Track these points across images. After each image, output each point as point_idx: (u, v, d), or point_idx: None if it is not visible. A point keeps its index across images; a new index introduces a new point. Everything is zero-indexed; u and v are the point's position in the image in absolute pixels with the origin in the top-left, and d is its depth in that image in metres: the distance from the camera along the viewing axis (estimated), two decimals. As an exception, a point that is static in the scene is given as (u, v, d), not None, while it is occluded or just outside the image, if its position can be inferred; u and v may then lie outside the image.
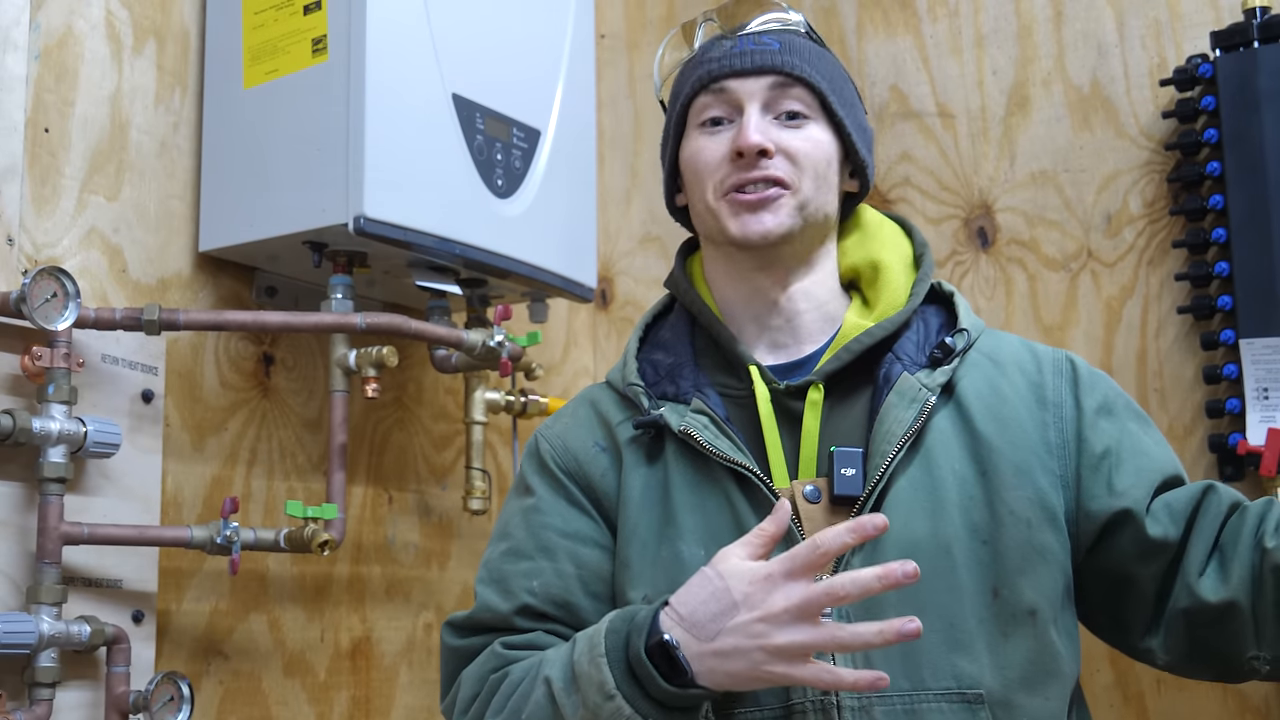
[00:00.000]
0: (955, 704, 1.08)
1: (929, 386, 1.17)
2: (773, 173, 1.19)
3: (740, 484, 1.16)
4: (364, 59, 1.51)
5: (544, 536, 1.22)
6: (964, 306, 1.25)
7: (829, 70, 1.25)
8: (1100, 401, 1.21)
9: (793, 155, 1.20)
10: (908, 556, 1.10)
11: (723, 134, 1.22)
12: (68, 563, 1.39)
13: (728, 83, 1.22)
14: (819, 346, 1.24)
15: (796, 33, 1.25)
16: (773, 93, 1.21)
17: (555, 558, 1.20)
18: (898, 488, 1.14)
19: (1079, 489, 1.17)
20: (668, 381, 1.24)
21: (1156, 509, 1.17)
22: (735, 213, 1.20)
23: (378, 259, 1.63)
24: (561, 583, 1.19)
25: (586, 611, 1.19)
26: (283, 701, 1.68)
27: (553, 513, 1.23)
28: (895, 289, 1.25)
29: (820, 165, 1.21)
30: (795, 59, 1.22)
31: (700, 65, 1.24)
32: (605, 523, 1.22)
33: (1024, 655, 1.11)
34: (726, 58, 1.22)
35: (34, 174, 1.46)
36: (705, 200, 1.23)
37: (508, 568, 1.22)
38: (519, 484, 1.29)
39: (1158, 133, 1.79)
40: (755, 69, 1.21)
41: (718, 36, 1.25)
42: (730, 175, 1.20)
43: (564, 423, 1.29)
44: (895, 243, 1.30)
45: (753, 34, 1.24)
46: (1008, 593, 1.12)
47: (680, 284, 1.30)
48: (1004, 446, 1.16)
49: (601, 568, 1.20)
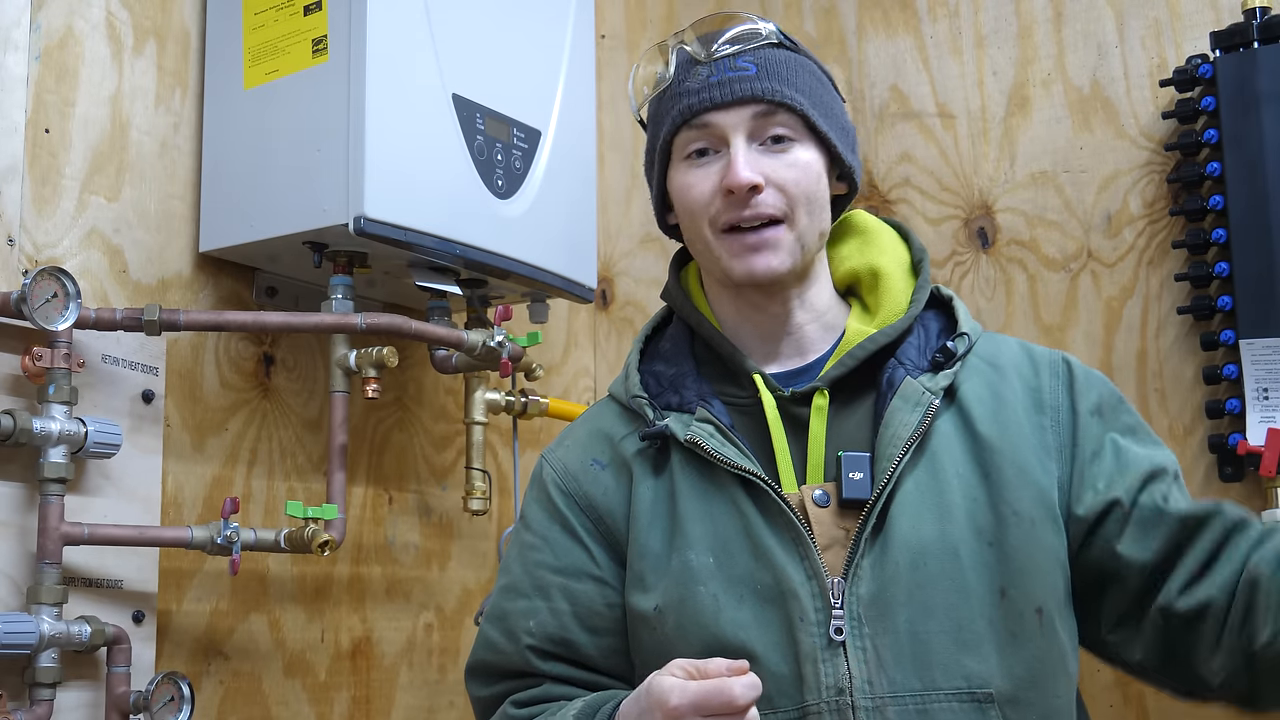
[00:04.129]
0: (966, 704, 1.09)
1: (932, 390, 1.18)
2: (765, 210, 1.18)
3: (748, 490, 1.16)
4: (364, 59, 1.51)
5: (538, 575, 1.24)
6: (963, 311, 1.26)
7: (808, 83, 1.23)
8: (1094, 403, 1.22)
9: (783, 186, 1.19)
10: (916, 559, 1.11)
11: (710, 166, 1.21)
12: (68, 563, 1.39)
13: (709, 116, 1.20)
14: (821, 354, 1.25)
15: (770, 44, 1.23)
16: (756, 121, 1.20)
17: (550, 596, 1.23)
18: (904, 490, 1.14)
19: (1071, 492, 1.18)
20: (671, 392, 1.24)
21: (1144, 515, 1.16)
22: (735, 253, 1.20)
23: (378, 259, 1.63)
24: (557, 621, 1.22)
25: (585, 647, 1.21)
26: (283, 702, 1.68)
27: (547, 548, 1.25)
28: (896, 295, 1.25)
29: (812, 189, 1.20)
30: (774, 83, 1.20)
31: (679, 98, 1.22)
32: (607, 545, 1.23)
33: (1032, 654, 1.12)
34: (705, 89, 1.20)
35: (34, 174, 1.46)
36: (702, 237, 1.22)
37: (507, 605, 1.25)
38: (521, 513, 1.31)
39: (1158, 133, 1.79)
40: (735, 100, 1.19)
41: (691, 61, 1.23)
42: (724, 212, 1.19)
43: (566, 445, 1.31)
44: (894, 249, 1.30)
45: (727, 58, 1.21)
46: (1015, 593, 1.12)
47: (677, 298, 1.31)
48: (1005, 448, 1.17)
49: (596, 602, 1.22)
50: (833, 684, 1.09)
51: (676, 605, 1.15)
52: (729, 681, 0.98)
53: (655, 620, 1.16)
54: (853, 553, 1.12)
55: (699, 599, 1.14)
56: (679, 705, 0.99)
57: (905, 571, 1.11)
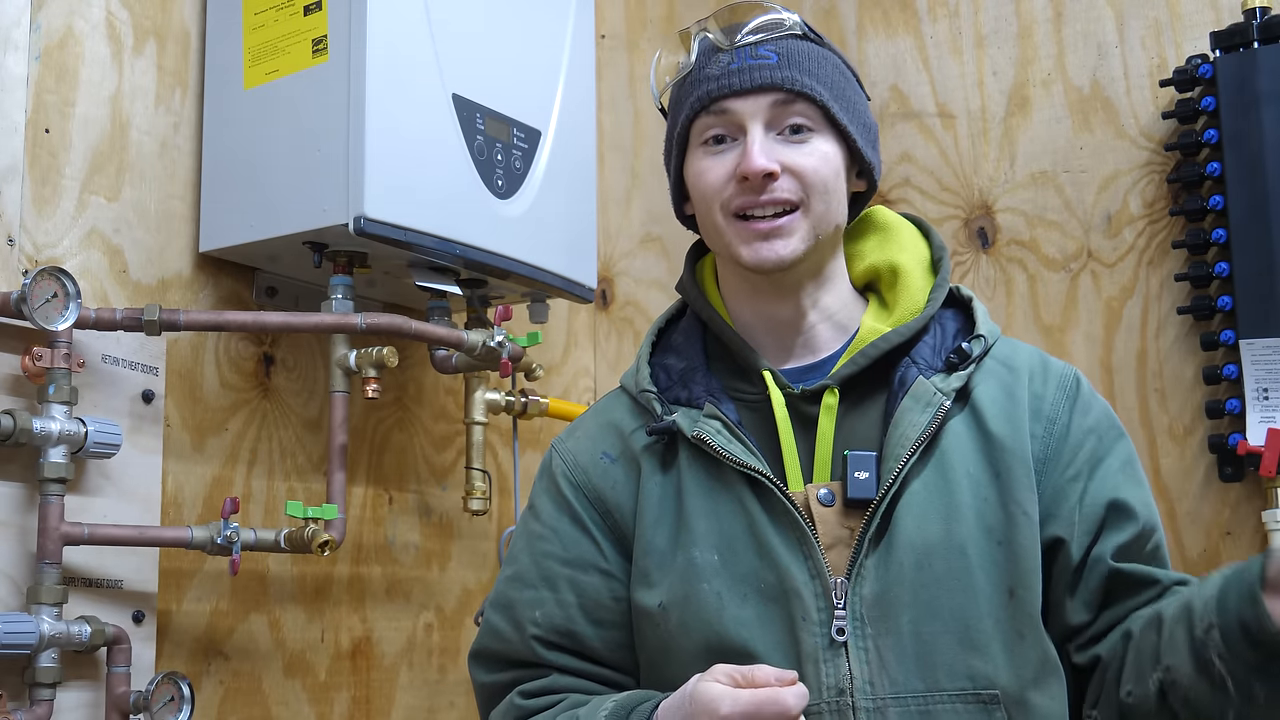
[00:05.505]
0: (970, 704, 1.09)
1: (944, 391, 1.17)
2: (780, 195, 1.17)
3: (754, 488, 1.16)
4: (364, 59, 1.51)
5: (545, 565, 1.23)
6: (982, 312, 1.25)
7: (829, 75, 1.22)
8: (1091, 423, 1.20)
9: (800, 174, 1.18)
10: (922, 559, 1.11)
11: (727, 153, 1.20)
12: (68, 563, 1.39)
13: (728, 103, 1.19)
14: (833, 352, 1.24)
15: (794, 35, 1.22)
16: (775, 110, 1.18)
17: (556, 587, 1.22)
18: (911, 491, 1.14)
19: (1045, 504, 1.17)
20: (680, 387, 1.24)
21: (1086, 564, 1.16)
22: (746, 240, 1.19)
23: (378, 259, 1.63)
24: (563, 612, 1.21)
25: (590, 639, 1.21)
26: (283, 702, 1.68)
27: (555, 539, 1.24)
28: (913, 293, 1.24)
29: (829, 180, 1.19)
30: (794, 72, 1.19)
31: (699, 84, 1.21)
32: (615, 538, 1.23)
33: (1038, 654, 1.12)
34: (725, 76, 1.20)
35: (34, 174, 1.46)
36: (714, 221, 1.21)
37: (513, 594, 1.24)
38: (529, 502, 1.31)
39: (1158, 133, 1.79)
40: (755, 87, 1.18)
41: (713, 48, 1.22)
42: (737, 196, 1.18)
43: (576, 436, 1.30)
44: (914, 245, 1.29)
45: (749, 46, 1.20)
46: (1024, 592, 1.12)
47: (690, 291, 1.30)
48: (1016, 448, 1.16)
49: (602, 594, 1.21)
50: (833, 684, 1.09)
51: (680, 602, 1.15)
52: (781, 691, 0.99)
53: (659, 617, 1.16)
54: (856, 552, 1.12)
55: (703, 596, 1.14)
56: (731, 714, 0.99)
57: (910, 572, 1.11)
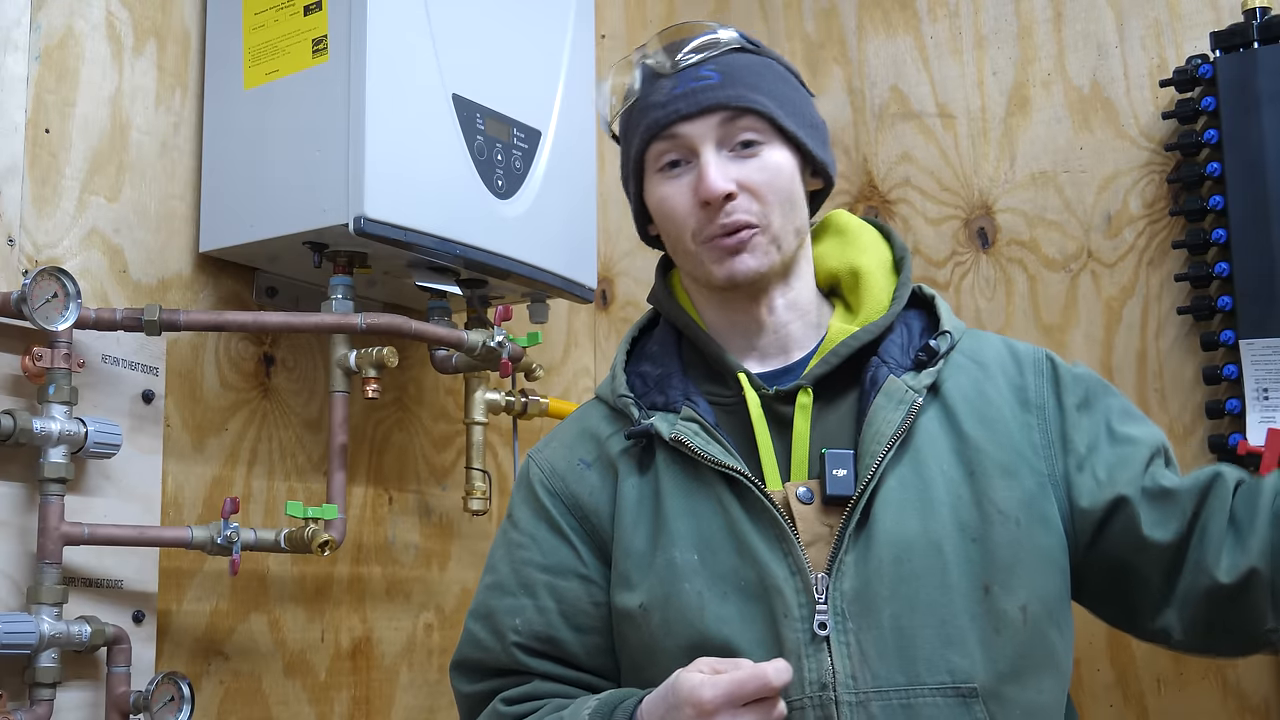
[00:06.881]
0: (950, 698, 1.10)
1: (915, 388, 1.19)
2: (740, 218, 1.20)
3: (732, 488, 1.17)
4: (364, 59, 1.51)
5: (525, 573, 1.25)
6: (945, 309, 1.27)
7: (771, 85, 1.24)
8: (1080, 398, 1.23)
9: (756, 191, 1.21)
10: (900, 555, 1.12)
11: (683, 177, 1.23)
12: (68, 563, 1.39)
13: (677, 128, 1.22)
14: (805, 353, 1.26)
15: (732, 49, 1.25)
16: (723, 128, 1.21)
17: (536, 594, 1.24)
18: (888, 487, 1.15)
19: (1069, 488, 1.19)
20: (656, 392, 1.26)
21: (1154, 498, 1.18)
22: (717, 258, 1.22)
23: (378, 259, 1.63)
24: (543, 619, 1.23)
25: (571, 645, 1.22)
26: (283, 702, 1.68)
27: (534, 547, 1.26)
28: (877, 294, 1.27)
29: (785, 190, 1.22)
30: (738, 89, 1.21)
31: (646, 112, 1.24)
32: (593, 544, 1.24)
33: (1015, 649, 1.13)
34: (670, 101, 1.22)
35: (34, 174, 1.46)
36: (684, 247, 1.25)
37: (493, 603, 1.26)
38: (508, 512, 1.32)
39: (1158, 133, 1.79)
40: (701, 110, 1.21)
41: (655, 74, 1.24)
42: (704, 225, 1.21)
43: (552, 445, 1.32)
44: (875, 248, 1.32)
45: (691, 68, 1.23)
46: (998, 589, 1.13)
47: (663, 300, 1.33)
48: (990, 447, 1.18)
49: (582, 600, 1.23)
50: (816, 679, 1.09)
51: (661, 602, 1.16)
52: (762, 666, 1.01)
53: (640, 618, 1.17)
54: (836, 548, 1.13)
55: (683, 596, 1.15)
56: (714, 698, 1.00)
57: (889, 567, 1.12)
